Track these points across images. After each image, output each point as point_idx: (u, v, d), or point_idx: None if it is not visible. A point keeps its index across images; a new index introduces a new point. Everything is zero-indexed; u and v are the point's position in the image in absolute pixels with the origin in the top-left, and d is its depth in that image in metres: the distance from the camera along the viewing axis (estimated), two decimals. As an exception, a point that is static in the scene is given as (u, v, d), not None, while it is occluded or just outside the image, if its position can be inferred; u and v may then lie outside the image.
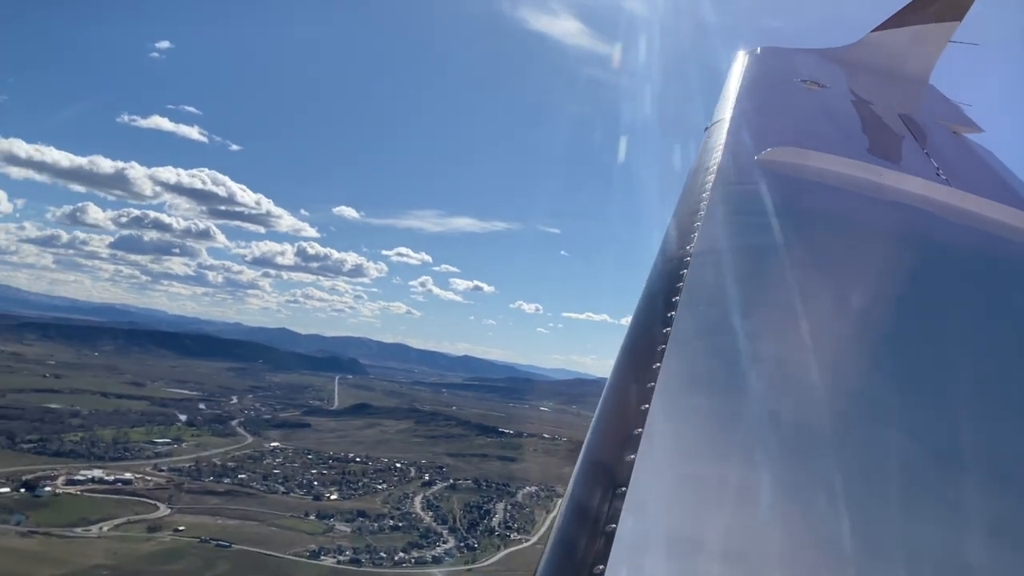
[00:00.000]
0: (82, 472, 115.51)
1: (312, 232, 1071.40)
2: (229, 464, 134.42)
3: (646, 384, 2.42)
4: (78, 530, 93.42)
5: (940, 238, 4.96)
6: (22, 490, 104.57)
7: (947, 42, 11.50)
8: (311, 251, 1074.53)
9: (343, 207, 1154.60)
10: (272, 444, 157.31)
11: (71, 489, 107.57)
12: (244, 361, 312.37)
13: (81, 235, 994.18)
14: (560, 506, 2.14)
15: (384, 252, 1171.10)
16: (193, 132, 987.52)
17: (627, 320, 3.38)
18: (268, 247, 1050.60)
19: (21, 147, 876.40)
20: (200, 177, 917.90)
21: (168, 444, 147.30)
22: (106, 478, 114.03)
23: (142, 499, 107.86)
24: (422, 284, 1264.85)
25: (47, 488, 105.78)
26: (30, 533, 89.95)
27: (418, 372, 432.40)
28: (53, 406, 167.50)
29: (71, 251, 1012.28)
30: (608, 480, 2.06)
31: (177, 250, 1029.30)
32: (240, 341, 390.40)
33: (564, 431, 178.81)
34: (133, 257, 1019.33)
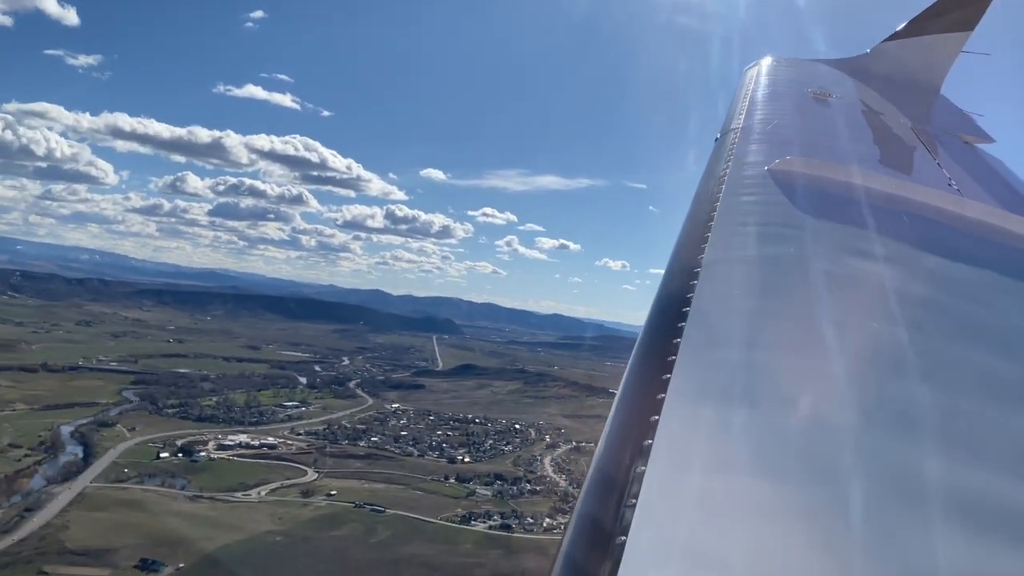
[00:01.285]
0: (229, 437, 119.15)
1: (400, 195, 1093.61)
2: (359, 426, 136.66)
3: (656, 395, 2.44)
4: (238, 495, 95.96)
5: (951, 249, 4.92)
6: (179, 455, 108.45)
7: (959, 52, 11.34)
8: (399, 213, 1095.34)
9: (430, 169, 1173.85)
10: (393, 406, 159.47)
11: (223, 454, 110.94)
12: (346, 323, 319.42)
13: (182, 203, 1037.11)
14: (570, 517, 2.15)
15: (470, 213, 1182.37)
16: (286, 100, 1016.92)
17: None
18: (358, 210, 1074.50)
19: (125, 121, 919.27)
20: (293, 144, 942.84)
21: (296, 407, 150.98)
22: (252, 443, 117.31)
23: (289, 463, 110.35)
24: (508, 244, 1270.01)
25: (202, 453, 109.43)
26: (196, 498, 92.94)
27: (510, 331, 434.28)
28: (183, 371, 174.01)
29: (173, 219, 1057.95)
30: (619, 492, 2.05)
31: (272, 215, 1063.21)
32: (340, 303, 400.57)
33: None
34: (231, 223, 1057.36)
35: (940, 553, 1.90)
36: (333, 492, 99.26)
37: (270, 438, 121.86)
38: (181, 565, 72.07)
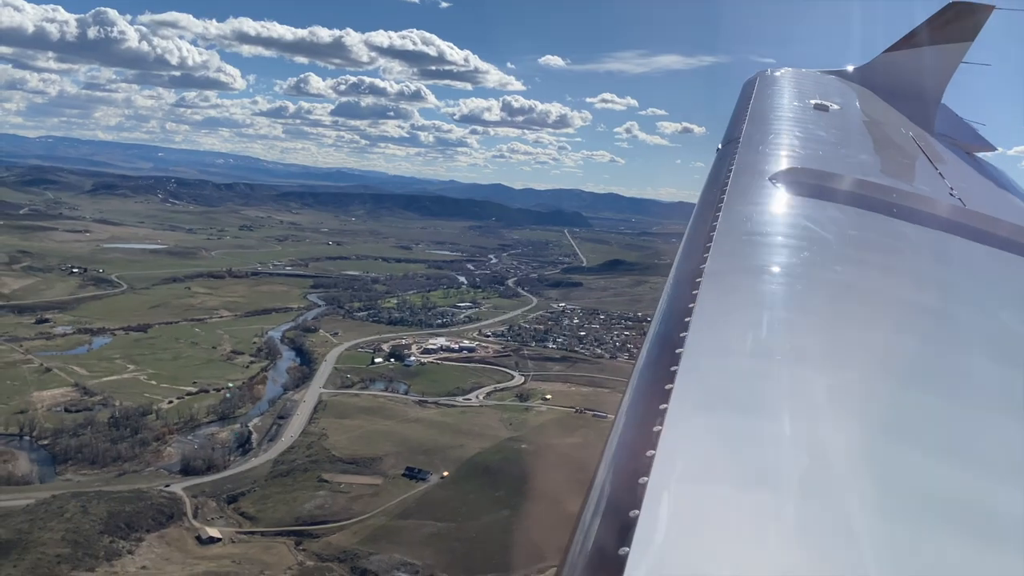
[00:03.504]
0: (430, 341, 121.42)
1: (518, 85, 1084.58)
2: (537, 327, 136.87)
3: (659, 406, 2.49)
4: (459, 399, 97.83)
5: (952, 258, 4.94)
6: (391, 360, 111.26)
7: (959, 62, 11.40)
8: (516, 105, 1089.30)
9: (548, 56, 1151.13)
10: (560, 304, 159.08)
11: (430, 358, 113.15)
12: (477, 219, 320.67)
13: (305, 105, 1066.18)
14: (573, 527, 2.18)
15: (588, 100, 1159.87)
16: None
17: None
18: (475, 104, 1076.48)
19: (250, 25, 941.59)
20: (411, 38, 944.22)
21: (470, 308, 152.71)
22: (452, 347, 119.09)
23: (493, 366, 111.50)
24: (627, 131, 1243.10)
25: (411, 358, 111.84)
26: (423, 403, 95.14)
27: (636, 221, 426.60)
28: (353, 273, 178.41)
29: (298, 121, 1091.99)
30: (621, 502, 2.06)
31: (391, 113, 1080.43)
32: (468, 200, 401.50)
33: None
34: (352, 122, 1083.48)
35: (942, 564, 1.91)
36: (548, 396, 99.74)
37: (465, 341, 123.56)
38: (445, 474, 73.87)
